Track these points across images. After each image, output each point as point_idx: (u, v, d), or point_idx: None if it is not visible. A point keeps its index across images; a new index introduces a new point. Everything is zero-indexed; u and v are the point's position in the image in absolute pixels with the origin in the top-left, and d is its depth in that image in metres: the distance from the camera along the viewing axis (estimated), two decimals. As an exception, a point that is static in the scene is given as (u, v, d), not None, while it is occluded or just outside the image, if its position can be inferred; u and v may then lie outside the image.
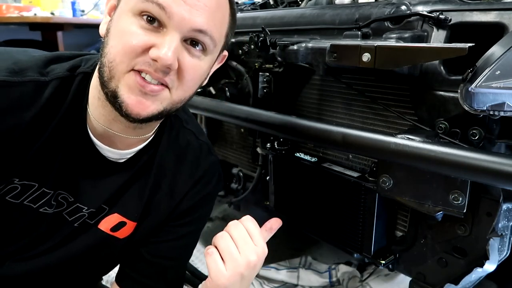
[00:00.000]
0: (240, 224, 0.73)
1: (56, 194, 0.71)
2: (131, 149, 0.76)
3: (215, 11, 0.65)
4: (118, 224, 0.78)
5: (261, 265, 0.72)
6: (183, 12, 0.60)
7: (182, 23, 0.61)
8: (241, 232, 0.71)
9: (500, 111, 0.68)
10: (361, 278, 1.43)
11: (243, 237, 0.71)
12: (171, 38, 0.61)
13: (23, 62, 0.66)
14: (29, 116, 0.64)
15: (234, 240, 0.71)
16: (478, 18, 0.80)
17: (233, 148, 1.48)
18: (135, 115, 0.63)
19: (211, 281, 0.69)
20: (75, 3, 2.91)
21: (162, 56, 0.59)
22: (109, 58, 0.62)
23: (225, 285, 0.68)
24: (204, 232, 0.92)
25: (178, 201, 0.83)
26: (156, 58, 0.60)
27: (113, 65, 0.62)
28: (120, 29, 0.62)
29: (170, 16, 0.60)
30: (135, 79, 0.62)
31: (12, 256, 0.73)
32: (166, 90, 0.65)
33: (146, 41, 0.60)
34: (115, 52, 0.62)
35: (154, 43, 0.60)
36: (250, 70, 1.27)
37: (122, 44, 0.61)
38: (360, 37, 0.93)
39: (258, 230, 0.73)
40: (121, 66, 0.61)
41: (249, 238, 0.71)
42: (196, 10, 0.61)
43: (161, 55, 0.59)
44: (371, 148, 0.83)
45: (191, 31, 0.62)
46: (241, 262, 0.68)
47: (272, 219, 0.80)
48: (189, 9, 0.61)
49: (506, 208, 0.83)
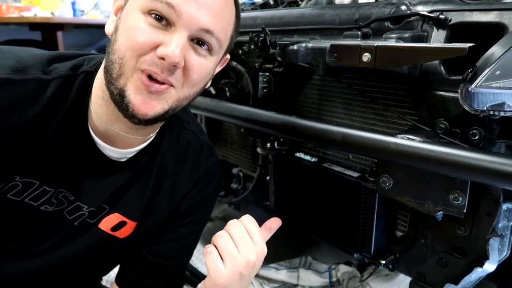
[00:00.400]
0: (239, 223, 0.73)
1: (57, 192, 0.71)
2: (133, 148, 0.76)
3: (222, 11, 0.65)
4: (118, 223, 0.78)
5: (260, 264, 0.72)
6: (192, 10, 0.61)
7: (190, 21, 0.61)
8: (240, 231, 0.71)
9: (500, 111, 0.68)
10: (361, 278, 1.43)
11: (243, 236, 0.71)
12: (179, 36, 0.61)
13: (25, 61, 0.66)
14: (31, 114, 0.64)
15: (234, 239, 0.70)
16: (478, 18, 0.80)
17: (233, 148, 1.48)
18: (142, 116, 0.63)
19: (210, 280, 0.69)
20: (75, 3, 2.92)
21: (170, 54, 0.59)
22: (119, 54, 0.62)
23: (225, 284, 0.68)
24: (204, 232, 0.92)
25: (179, 201, 0.83)
26: (164, 56, 0.60)
27: (123, 62, 0.62)
28: (128, 25, 0.62)
29: (179, 15, 0.60)
30: (141, 78, 0.62)
31: (14, 254, 0.73)
32: (171, 89, 0.65)
33: (154, 39, 0.61)
34: (125, 48, 0.62)
35: (162, 41, 0.61)
36: (250, 70, 1.27)
37: (131, 40, 0.61)
38: (360, 37, 0.93)
39: (258, 229, 0.73)
40: (131, 62, 0.62)
41: (249, 238, 0.71)
42: (205, 9, 0.62)
43: (168, 53, 0.59)
44: (371, 148, 0.83)
45: (199, 31, 0.63)
46: (240, 261, 0.68)
47: (272, 218, 0.79)
48: (198, 7, 0.61)
49: (506, 208, 0.83)
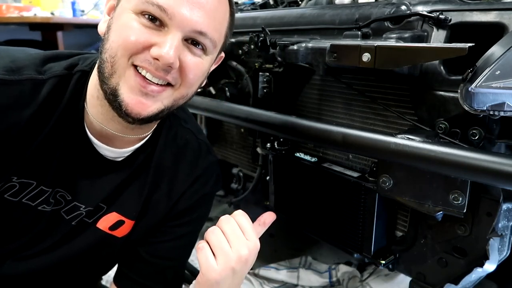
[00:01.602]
0: (232, 218, 0.72)
1: (54, 192, 0.71)
2: (129, 147, 0.75)
3: (215, 10, 0.65)
4: (116, 222, 0.78)
5: (253, 260, 0.71)
6: (184, 12, 0.61)
7: (183, 23, 0.61)
8: (233, 226, 0.70)
9: (500, 111, 0.68)
10: (361, 278, 1.43)
11: (235, 231, 0.70)
12: (173, 37, 0.61)
13: (20, 61, 0.66)
14: (27, 115, 0.64)
15: (226, 235, 0.70)
16: (478, 18, 0.80)
17: (233, 148, 1.48)
18: (135, 115, 0.63)
19: (202, 276, 0.68)
20: (75, 3, 2.92)
21: (164, 55, 0.59)
22: (111, 53, 0.62)
23: (217, 280, 0.67)
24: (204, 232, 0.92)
25: (176, 200, 0.83)
26: (158, 56, 0.60)
27: (115, 60, 0.62)
28: (121, 24, 0.62)
29: (171, 18, 0.60)
30: (135, 79, 0.62)
31: (13, 255, 0.73)
32: (168, 89, 0.65)
33: (147, 39, 0.61)
34: (116, 46, 0.62)
35: (156, 42, 0.61)
36: (250, 70, 1.27)
37: (123, 39, 0.61)
38: (360, 37, 0.93)
39: (251, 224, 0.72)
40: (122, 60, 0.61)
41: (241, 233, 0.70)
42: (197, 10, 0.62)
43: (162, 54, 0.59)
44: (371, 148, 0.83)
45: (192, 32, 0.63)
46: (232, 257, 0.67)
47: (266, 213, 0.78)
48: (190, 8, 0.61)
49: (506, 208, 0.83)
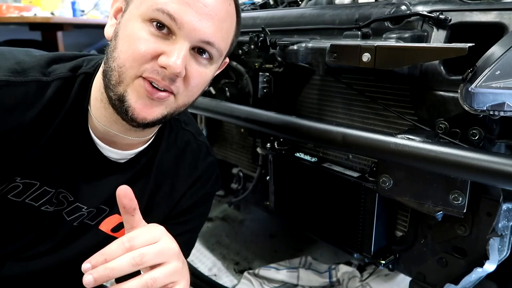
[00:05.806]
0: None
1: (57, 193, 0.71)
2: (132, 150, 0.76)
3: (224, 21, 0.66)
4: (118, 224, 0.78)
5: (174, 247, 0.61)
6: (193, 22, 0.61)
7: (191, 33, 0.62)
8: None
9: (500, 111, 0.68)
10: (361, 278, 1.43)
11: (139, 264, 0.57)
12: (180, 47, 0.61)
13: (25, 62, 0.66)
14: (31, 116, 0.64)
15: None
16: (478, 18, 0.80)
17: (233, 148, 1.48)
18: (141, 119, 0.64)
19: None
20: (75, 3, 2.92)
21: (172, 64, 0.60)
22: (119, 63, 0.63)
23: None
24: (204, 232, 0.92)
25: (177, 200, 0.83)
26: (166, 66, 0.60)
27: (122, 70, 0.62)
28: (129, 33, 0.63)
29: (180, 27, 0.61)
30: (143, 85, 0.63)
31: (13, 256, 0.73)
32: (171, 96, 0.66)
33: (156, 49, 0.61)
34: (125, 57, 0.62)
35: (164, 51, 0.61)
36: (250, 70, 1.27)
37: (132, 50, 0.62)
38: (360, 37, 0.93)
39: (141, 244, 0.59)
40: (131, 71, 0.62)
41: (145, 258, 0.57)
42: (206, 20, 0.62)
43: (170, 63, 0.60)
44: (371, 148, 0.83)
45: (200, 42, 0.63)
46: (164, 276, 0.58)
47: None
48: (199, 19, 0.62)
49: (506, 208, 0.83)
